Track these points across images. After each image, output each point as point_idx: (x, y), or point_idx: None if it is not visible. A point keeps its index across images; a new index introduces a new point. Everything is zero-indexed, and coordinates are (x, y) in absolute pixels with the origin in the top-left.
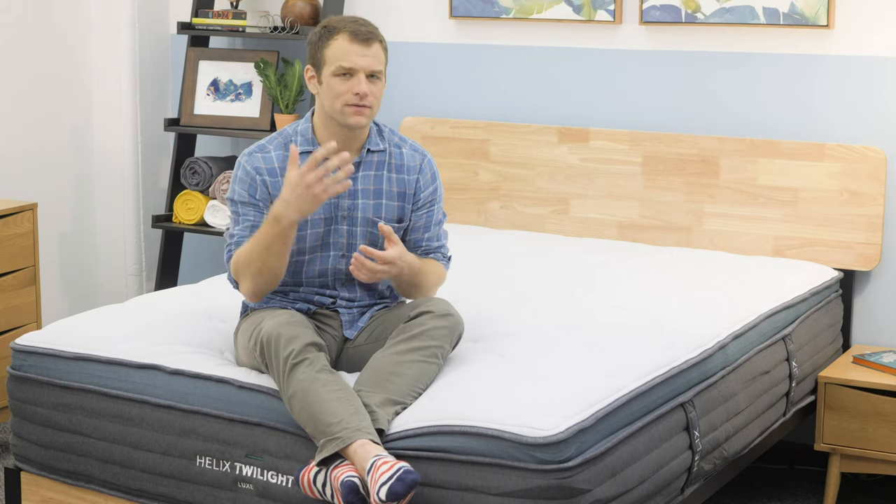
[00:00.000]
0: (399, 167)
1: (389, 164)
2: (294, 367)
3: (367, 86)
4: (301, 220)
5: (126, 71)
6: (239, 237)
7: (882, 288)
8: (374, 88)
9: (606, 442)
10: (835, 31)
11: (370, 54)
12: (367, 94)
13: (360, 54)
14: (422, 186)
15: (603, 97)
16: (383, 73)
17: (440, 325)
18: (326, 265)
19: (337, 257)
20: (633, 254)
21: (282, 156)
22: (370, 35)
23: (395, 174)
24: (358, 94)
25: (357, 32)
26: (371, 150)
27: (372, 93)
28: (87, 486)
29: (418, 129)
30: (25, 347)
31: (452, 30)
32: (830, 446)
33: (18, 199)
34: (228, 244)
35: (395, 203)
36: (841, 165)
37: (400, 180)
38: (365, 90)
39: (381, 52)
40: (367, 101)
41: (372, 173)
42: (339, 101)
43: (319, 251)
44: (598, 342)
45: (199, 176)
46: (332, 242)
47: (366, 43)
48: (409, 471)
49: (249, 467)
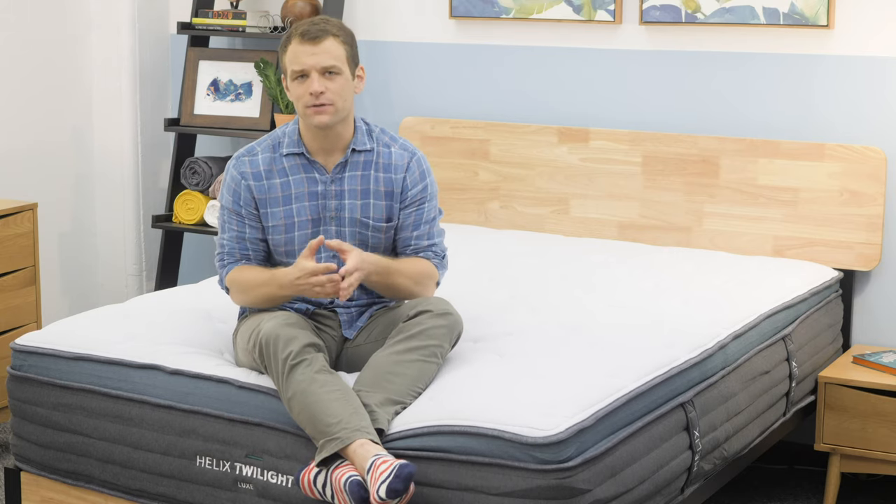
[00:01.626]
0: (387, 166)
1: (377, 163)
2: (293, 368)
3: (323, 83)
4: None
5: (126, 71)
6: (229, 247)
7: (882, 288)
8: (333, 84)
9: (606, 442)
10: (835, 31)
11: (319, 51)
12: (321, 91)
13: (308, 54)
14: (409, 185)
15: (603, 97)
16: (342, 69)
17: (439, 324)
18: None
19: (329, 258)
20: (633, 254)
21: (269, 158)
22: (319, 33)
23: (383, 173)
24: (312, 94)
25: (305, 33)
26: (357, 150)
27: (329, 89)
28: (87, 486)
29: (418, 129)
30: (25, 347)
31: (452, 30)
32: (830, 446)
33: (18, 199)
34: (220, 252)
35: (383, 202)
36: (841, 165)
37: (387, 179)
38: (317, 88)
39: (335, 47)
40: (325, 99)
41: (359, 173)
42: (301, 104)
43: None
44: (598, 342)
45: (199, 176)
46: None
47: (314, 41)
48: (406, 464)
49: (249, 467)
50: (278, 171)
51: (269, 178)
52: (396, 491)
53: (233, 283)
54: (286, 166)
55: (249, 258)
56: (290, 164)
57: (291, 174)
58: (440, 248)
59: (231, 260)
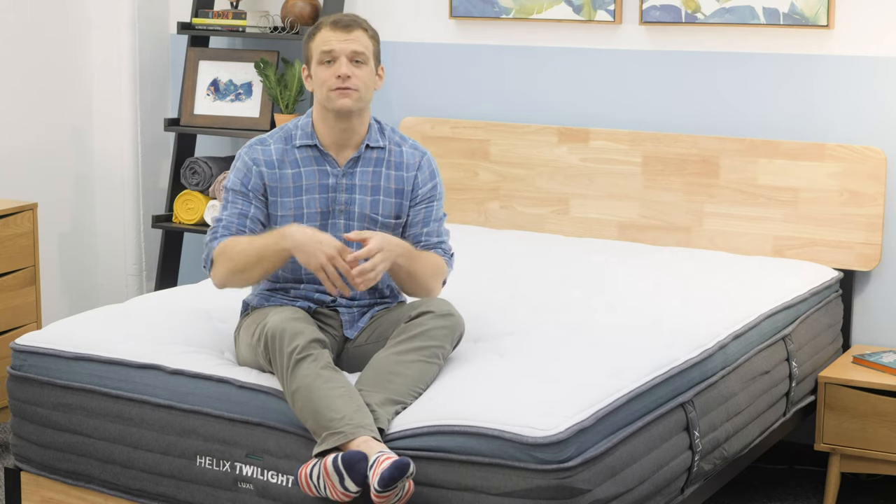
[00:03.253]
0: (398, 164)
1: (388, 161)
2: (298, 362)
3: (350, 68)
4: (295, 254)
5: (126, 71)
6: (227, 222)
7: (882, 288)
8: (359, 72)
9: (606, 442)
10: (835, 31)
11: (351, 38)
12: (349, 76)
13: (340, 39)
14: (420, 183)
15: (603, 97)
16: (369, 59)
17: (441, 325)
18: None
19: None
20: (633, 254)
21: (281, 149)
22: (351, 22)
23: (394, 171)
24: (340, 77)
25: (338, 21)
26: (370, 147)
27: (356, 75)
28: (87, 486)
29: (418, 129)
30: (25, 347)
31: (452, 30)
32: (830, 446)
33: (18, 199)
34: (214, 228)
35: (393, 200)
36: (841, 165)
37: (398, 177)
38: (346, 72)
39: (364, 38)
40: (351, 84)
41: (370, 169)
42: (325, 88)
43: None
44: (598, 342)
45: (199, 176)
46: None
47: (346, 29)
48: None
49: (249, 467)
50: (290, 161)
51: (282, 168)
52: (386, 479)
53: (223, 252)
54: (298, 157)
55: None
56: (302, 155)
57: (303, 165)
58: (448, 247)
59: (226, 233)
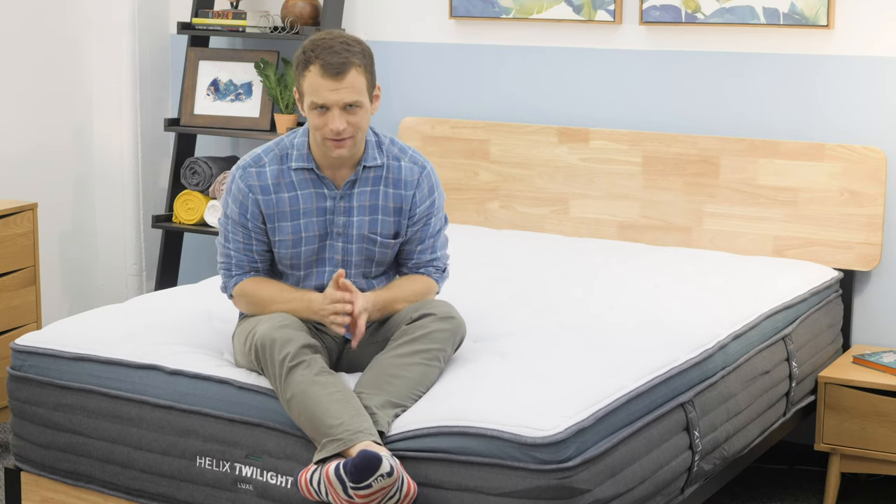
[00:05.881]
0: (396, 182)
1: (387, 178)
2: (291, 370)
3: (344, 118)
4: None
5: (126, 71)
6: (237, 259)
7: (882, 288)
8: (354, 118)
9: (606, 442)
10: (835, 31)
11: (343, 87)
12: (342, 129)
13: (331, 89)
14: (418, 202)
15: (603, 97)
16: (363, 102)
17: (442, 327)
18: (323, 280)
19: (333, 272)
20: (633, 254)
21: (276, 171)
22: (341, 67)
23: (392, 189)
24: (333, 130)
25: (328, 66)
26: (367, 167)
27: (351, 124)
28: (87, 486)
29: (418, 129)
30: (25, 347)
31: (452, 30)
32: (830, 446)
33: (18, 199)
34: (225, 262)
35: (391, 218)
36: (841, 165)
37: (396, 195)
38: (338, 127)
39: (357, 79)
40: (346, 133)
41: (368, 189)
42: (319, 134)
43: (315, 266)
44: (598, 342)
45: (199, 176)
46: (328, 258)
47: (337, 77)
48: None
49: (249, 468)
50: (286, 184)
51: (278, 192)
52: (350, 470)
53: (242, 294)
54: (294, 180)
55: (258, 270)
56: (298, 178)
57: (300, 188)
58: (441, 262)
59: (240, 272)
